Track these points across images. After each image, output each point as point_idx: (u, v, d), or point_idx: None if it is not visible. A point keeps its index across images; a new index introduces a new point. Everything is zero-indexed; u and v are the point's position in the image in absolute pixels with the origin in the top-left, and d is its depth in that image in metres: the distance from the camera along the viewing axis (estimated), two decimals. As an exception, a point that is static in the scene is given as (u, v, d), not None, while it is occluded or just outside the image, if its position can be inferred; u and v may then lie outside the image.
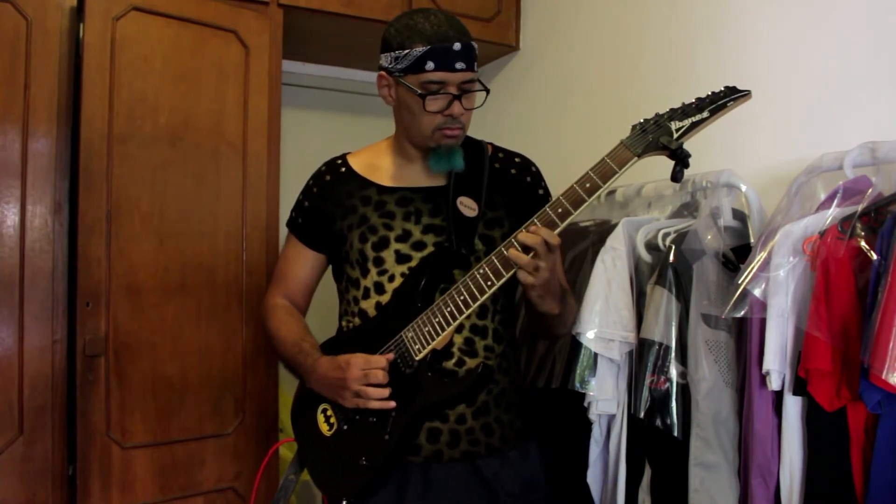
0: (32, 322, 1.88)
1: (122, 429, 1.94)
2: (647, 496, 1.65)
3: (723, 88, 1.18)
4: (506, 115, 2.80)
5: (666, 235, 1.72)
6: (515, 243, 1.22)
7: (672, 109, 1.20)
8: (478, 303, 1.26)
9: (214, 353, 2.10)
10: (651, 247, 1.75)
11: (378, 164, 1.48)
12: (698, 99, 1.19)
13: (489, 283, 1.24)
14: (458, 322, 1.28)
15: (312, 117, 2.94)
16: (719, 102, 1.18)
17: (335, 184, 1.48)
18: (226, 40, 2.14)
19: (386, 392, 1.29)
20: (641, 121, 1.21)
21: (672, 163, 1.21)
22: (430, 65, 1.30)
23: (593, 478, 1.77)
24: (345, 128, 2.96)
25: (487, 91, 1.39)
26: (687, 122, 1.17)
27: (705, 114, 1.17)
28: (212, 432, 2.08)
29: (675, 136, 1.17)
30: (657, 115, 1.20)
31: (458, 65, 1.31)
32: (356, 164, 1.50)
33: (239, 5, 2.18)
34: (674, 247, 1.64)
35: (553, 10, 2.59)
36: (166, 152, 2.03)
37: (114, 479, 1.92)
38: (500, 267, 1.24)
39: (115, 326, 1.94)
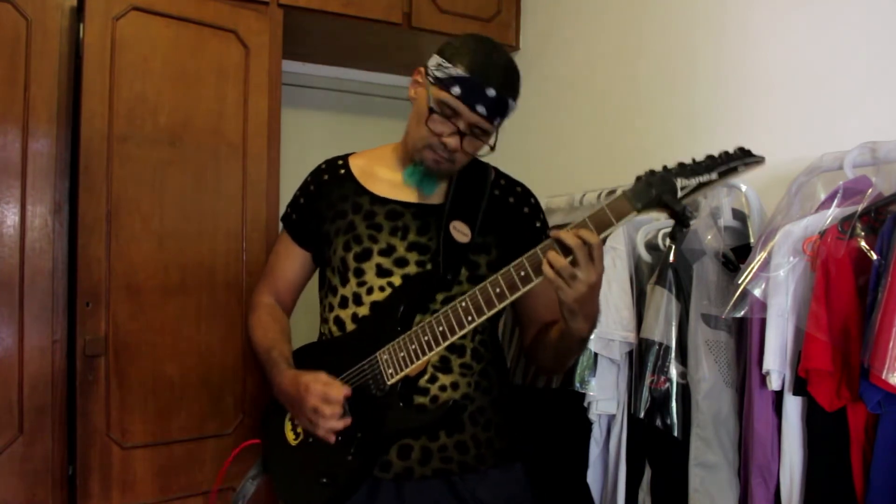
0: (32, 322, 1.88)
1: (122, 429, 1.94)
2: (647, 496, 1.65)
3: (735, 150, 1.11)
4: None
5: (666, 235, 1.72)
6: (554, 244, 1.14)
7: (681, 165, 1.12)
8: (455, 336, 1.23)
9: (214, 353, 2.09)
10: (651, 247, 1.76)
11: (377, 172, 1.46)
12: (709, 157, 1.11)
13: (469, 318, 1.21)
14: (433, 353, 1.26)
15: (312, 117, 2.94)
16: (731, 165, 1.09)
17: (331, 184, 1.47)
18: (226, 40, 2.13)
19: (336, 426, 1.27)
20: (647, 172, 1.13)
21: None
22: (456, 90, 1.28)
23: (593, 478, 1.77)
24: (345, 128, 2.96)
25: (492, 148, 1.36)
26: (693, 182, 1.10)
27: (714, 175, 1.09)
28: (212, 432, 2.08)
29: (680, 195, 1.10)
30: (664, 168, 1.12)
31: (480, 108, 1.29)
32: (356, 167, 1.48)
33: (239, 5, 2.18)
34: (674, 247, 1.64)
35: (553, 10, 2.59)
36: (166, 152, 2.03)
37: (114, 479, 1.92)
38: (482, 304, 1.20)
39: (115, 326, 1.94)
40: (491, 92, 1.28)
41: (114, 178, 1.95)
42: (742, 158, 1.10)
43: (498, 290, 1.19)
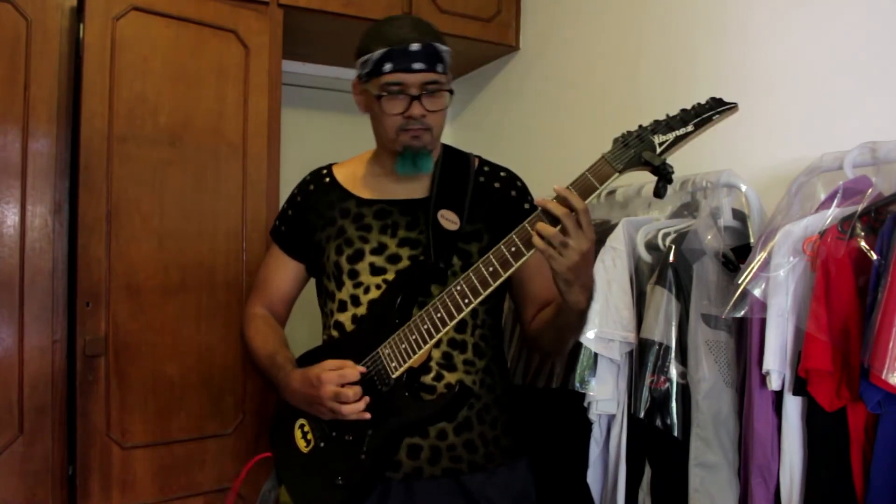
0: (32, 322, 1.88)
1: (122, 429, 1.94)
2: (647, 496, 1.65)
3: (708, 100, 1.14)
4: (506, 115, 2.80)
5: (666, 235, 1.72)
6: (541, 215, 1.14)
7: (656, 122, 1.15)
8: (455, 321, 1.23)
9: (214, 353, 2.09)
10: (651, 247, 1.75)
11: (360, 176, 1.47)
12: (683, 111, 1.14)
13: (466, 300, 1.21)
14: (434, 340, 1.26)
15: (312, 117, 2.94)
16: (704, 115, 1.12)
17: (317, 194, 1.48)
18: (226, 40, 2.14)
19: (361, 405, 1.27)
20: (624, 133, 1.15)
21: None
22: (387, 66, 1.29)
23: (593, 478, 1.77)
24: (345, 128, 2.95)
25: (451, 92, 1.36)
26: (671, 137, 1.12)
27: (690, 128, 1.12)
28: (212, 432, 2.08)
29: (658, 150, 1.12)
30: (640, 127, 1.15)
31: (417, 65, 1.29)
32: (340, 175, 1.49)
33: (239, 5, 2.18)
34: (674, 247, 1.64)
35: (553, 10, 2.59)
36: (166, 152, 2.03)
37: (114, 479, 1.92)
38: (476, 284, 1.20)
39: (115, 326, 1.94)
40: (415, 46, 1.29)
41: (114, 177, 1.95)
42: (715, 108, 1.12)
43: (491, 268, 1.19)
